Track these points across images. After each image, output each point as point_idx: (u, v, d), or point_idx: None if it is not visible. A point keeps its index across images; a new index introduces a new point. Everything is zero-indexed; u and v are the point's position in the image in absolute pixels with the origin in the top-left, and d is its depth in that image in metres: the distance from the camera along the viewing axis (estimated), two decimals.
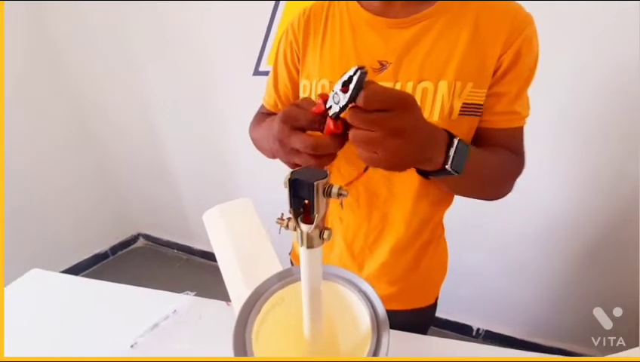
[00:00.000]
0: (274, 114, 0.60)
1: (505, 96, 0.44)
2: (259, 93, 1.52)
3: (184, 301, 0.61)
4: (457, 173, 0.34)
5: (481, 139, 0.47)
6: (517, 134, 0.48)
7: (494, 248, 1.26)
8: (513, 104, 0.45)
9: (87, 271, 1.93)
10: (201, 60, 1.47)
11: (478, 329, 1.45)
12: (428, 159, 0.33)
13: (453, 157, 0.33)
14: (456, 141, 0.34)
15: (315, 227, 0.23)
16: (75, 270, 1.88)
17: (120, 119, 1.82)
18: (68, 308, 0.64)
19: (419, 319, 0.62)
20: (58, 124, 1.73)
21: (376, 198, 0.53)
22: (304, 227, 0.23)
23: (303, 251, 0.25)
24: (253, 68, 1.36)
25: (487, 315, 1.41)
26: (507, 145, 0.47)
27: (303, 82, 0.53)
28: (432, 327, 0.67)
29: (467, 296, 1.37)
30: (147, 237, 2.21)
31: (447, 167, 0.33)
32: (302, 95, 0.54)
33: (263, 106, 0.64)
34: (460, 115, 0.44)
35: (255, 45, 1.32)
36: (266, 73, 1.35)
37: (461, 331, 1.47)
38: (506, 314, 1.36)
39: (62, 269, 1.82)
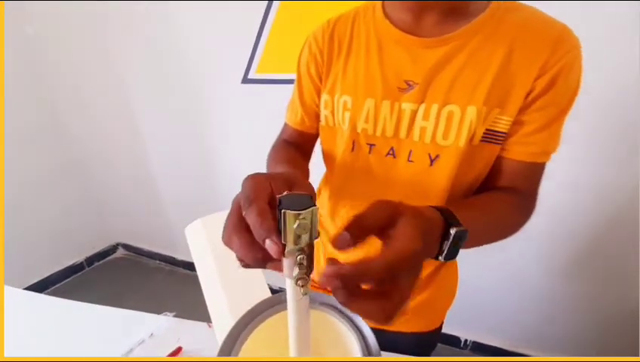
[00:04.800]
0: (299, 134, 0.58)
1: (530, 125, 0.41)
2: (246, 100, 1.49)
3: (162, 323, 0.57)
4: (450, 259, 0.31)
5: (495, 168, 0.45)
6: (535, 172, 0.44)
7: (482, 258, 1.27)
8: (538, 135, 0.41)
9: (59, 285, 1.81)
10: (188, 67, 1.44)
11: (466, 341, 1.44)
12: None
13: (449, 248, 0.29)
14: (453, 232, 0.29)
15: (288, 255, 0.22)
16: (46, 283, 1.76)
17: (101, 123, 1.75)
18: (32, 331, 0.58)
19: (422, 343, 0.60)
20: (31, 124, 1.64)
21: None
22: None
23: (287, 282, 0.23)
24: (242, 75, 1.34)
25: (474, 326, 1.41)
26: (520, 181, 0.44)
27: (325, 97, 0.51)
28: None
29: (455, 307, 1.36)
30: (127, 247, 2.10)
31: (440, 258, 0.30)
32: (322, 110, 0.52)
33: (285, 126, 0.60)
34: (481, 141, 0.42)
35: (245, 51, 1.29)
36: (255, 81, 1.33)
37: (449, 342, 1.46)
38: (493, 324, 1.36)
39: (32, 282, 1.71)
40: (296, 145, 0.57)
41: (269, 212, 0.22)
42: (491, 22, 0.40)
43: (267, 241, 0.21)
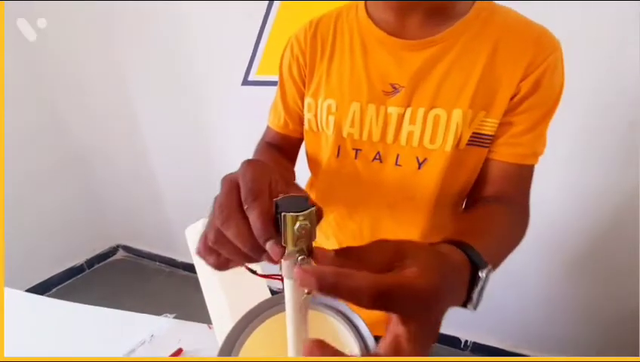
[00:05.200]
0: (282, 138, 0.56)
1: (516, 126, 0.41)
2: (246, 101, 1.49)
3: (163, 324, 0.57)
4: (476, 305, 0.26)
5: (485, 173, 0.45)
6: (525, 174, 0.44)
7: None
8: (524, 136, 0.41)
9: (60, 286, 1.81)
10: (189, 66, 1.44)
11: (467, 341, 1.44)
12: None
13: (478, 296, 0.25)
14: (483, 275, 0.25)
15: (287, 257, 0.22)
16: (47, 285, 1.76)
17: (102, 124, 1.76)
18: (35, 332, 0.59)
19: None
20: (31, 125, 1.64)
21: (379, 226, 0.51)
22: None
23: (285, 281, 0.23)
24: (242, 77, 1.35)
25: (475, 327, 1.41)
26: (511, 186, 0.43)
27: (308, 100, 0.49)
28: None
29: (455, 309, 1.37)
30: (127, 248, 2.11)
31: (468, 307, 0.26)
32: (306, 114, 0.50)
33: (268, 129, 0.58)
34: (468, 144, 0.42)
35: (247, 51, 1.29)
36: (255, 83, 1.34)
37: (449, 343, 1.46)
38: (494, 325, 1.37)
39: (33, 284, 1.71)
40: (279, 149, 0.56)
41: (272, 211, 0.22)
42: (476, 23, 0.40)
43: (269, 243, 0.21)
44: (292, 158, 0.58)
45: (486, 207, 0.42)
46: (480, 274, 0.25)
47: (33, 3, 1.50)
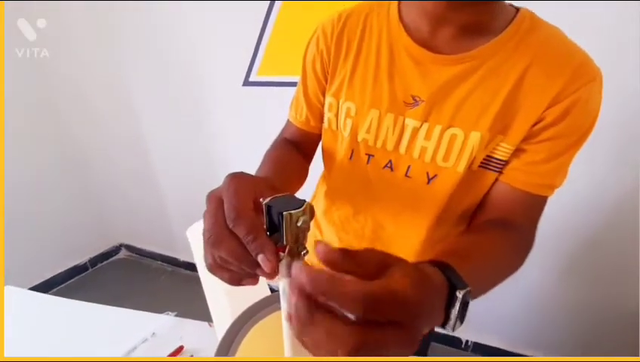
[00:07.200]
0: (302, 134, 0.54)
1: (535, 154, 0.39)
2: (248, 101, 1.49)
3: (164, 322, 0.58)
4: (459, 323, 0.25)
5: (495, 195, 0.43)
6: (536, 205, 0.42)
7: None
8: (543, 166, 0.39)
9: (63, 285, 1.82)
10: (190, 67, 1.45)
11: (467, 341, 1.44)
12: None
13: (456, 317, 0.24)
14: (460, 295, 0.24)
15: (286, 256, 0.22)
16: (50, 283, 1.78)
17: (103, 124, 1.77)
18: (39, 330, 0.60)
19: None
20: (35, 126, 1.65)
21: (381, 230, 0.51)
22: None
23: (280, 282, 0.24)
24: (243, 77, 1.35)
25: (475, 327, 1.41)
26: (519, 213, 0.41)
27: (329, 100, 0.48)
28: None
29: None
30: (129, 248, 2.12)
31: (447, 328, 0.25)
32: (327, 113, 0.49)
33: (288, 124, 0.56)
34: (479, 166, 0.41)
35: (247, 52, 1.29)
36: (256, 84, 1.34)
37: (450, 343, 1.46)
38: (495, 325, 1.37)
39: (36, 283, 1.73)
40: (297, 145, 0.54)
41: (259, 224, 0.22)
42: (511, 42, 0.37)
43: (260, 257, 0.21)
44: (309, 155, 0.57)
45: (487, 231, 0.41)
46: (457, 294, 0.24)
47: (33, 3, 1.50)
